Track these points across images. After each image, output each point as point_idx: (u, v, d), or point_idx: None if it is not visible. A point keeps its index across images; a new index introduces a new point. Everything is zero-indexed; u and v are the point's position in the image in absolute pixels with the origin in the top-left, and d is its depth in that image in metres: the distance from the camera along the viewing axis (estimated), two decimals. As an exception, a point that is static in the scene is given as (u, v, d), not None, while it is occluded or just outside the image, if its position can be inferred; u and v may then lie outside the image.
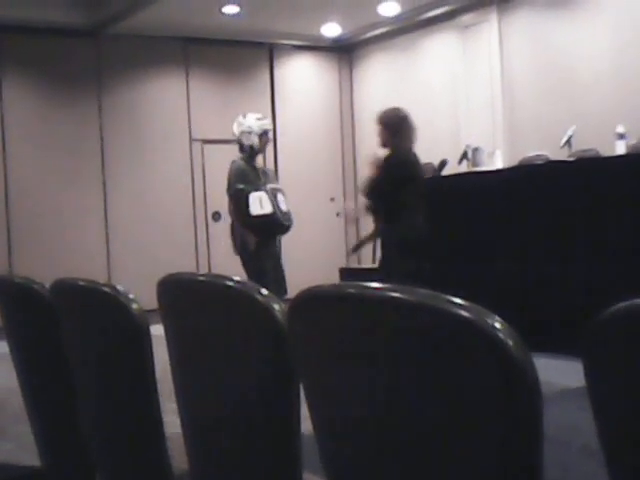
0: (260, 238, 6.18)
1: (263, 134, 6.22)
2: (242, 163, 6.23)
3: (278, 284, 5.93)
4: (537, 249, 5.91)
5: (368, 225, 6.34)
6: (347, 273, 8.14)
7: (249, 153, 6.23)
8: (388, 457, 1.09)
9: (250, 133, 6.21)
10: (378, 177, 5.68)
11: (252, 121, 6.26)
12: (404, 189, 5.58)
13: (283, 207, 6.18)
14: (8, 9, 8.67)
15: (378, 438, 1.11)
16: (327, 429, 1.23)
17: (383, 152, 5.71)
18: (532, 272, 5.92)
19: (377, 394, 1.09)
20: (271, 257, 6.20)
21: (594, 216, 5.60)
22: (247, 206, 6.08)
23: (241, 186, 6.12)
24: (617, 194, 5.51)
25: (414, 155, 5.74)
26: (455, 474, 1.01)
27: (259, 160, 6.44)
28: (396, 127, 5.66)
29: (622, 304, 0.93)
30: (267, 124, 6.31)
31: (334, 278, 7.88)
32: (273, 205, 6.10)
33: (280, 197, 6.20)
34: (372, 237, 6.24)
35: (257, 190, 6.09)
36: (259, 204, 6.07)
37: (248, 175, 6.14)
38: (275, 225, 6.16)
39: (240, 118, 6.32)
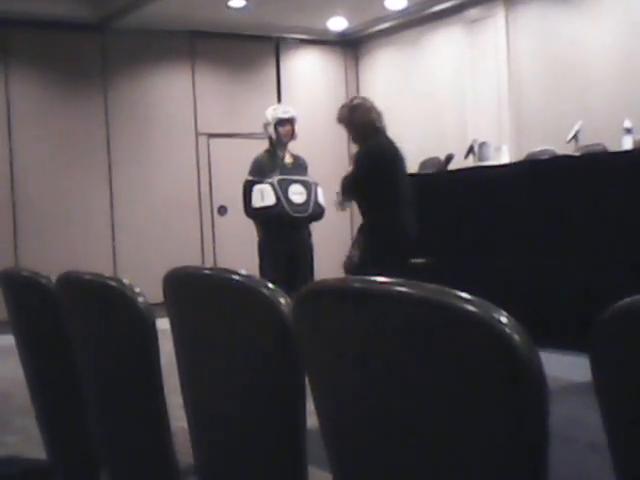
0: (265, 231, 6.14)
1: (278, 124, 6.16)
2: (261, 155, 6.21)
3: (291, 281, 5.62)
4: (544, 244, 5.90)
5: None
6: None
7: (270, 144, 6.22)
8: (393, 452, 1.09)
9: (268, 124, 6.20)
10: (350, 174, 5.54)
11: (269, 112, 6.24)
12: (382, 184, 5.32)
13: (296, 199, 6.04)
14: (15, 3, 8.68)
15: (383, 433, 1.11)
16: (333, 423, 1.23)
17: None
18: (537, 267, 5.91)
19: (382, 388, 1.09)
20: (283, 252, 6.04)
21: (601, 211, 5.59)
22: (251, 198, 6.07)
23: (249, 178, 6.12)
24: (624, 189, 5.49)
25: (387, 145, 5.44)
26: (460, 469, 1.01)
27: (285, 151, 6.24)
28: (350, 120, 5.53)
29: (629, 299, 0.93)
30: (280, 113, 6.19)
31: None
32: (278, 197, 6.00)
33: (295, 188, 6.06)
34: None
35: (263, 182, 6.04)
36: (260, 196, 6.01)
37: (262, 167, 6.10)
38: (279, 217, 6.00)
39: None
